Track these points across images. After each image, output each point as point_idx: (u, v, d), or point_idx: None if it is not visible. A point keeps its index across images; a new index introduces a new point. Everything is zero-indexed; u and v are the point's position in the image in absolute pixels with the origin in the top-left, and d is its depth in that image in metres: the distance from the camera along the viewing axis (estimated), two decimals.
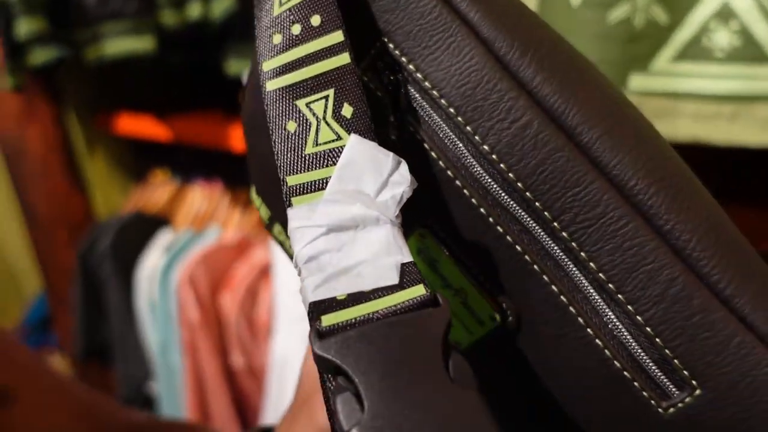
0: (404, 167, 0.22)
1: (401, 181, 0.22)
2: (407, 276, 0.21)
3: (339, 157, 0.23)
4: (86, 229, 1.32)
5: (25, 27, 0.92)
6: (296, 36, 0.24)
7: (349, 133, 0.23)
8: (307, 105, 0.23)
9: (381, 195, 0.22)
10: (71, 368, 1.43)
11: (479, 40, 0.23)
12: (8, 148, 1.28)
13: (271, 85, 0.24)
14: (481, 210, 0.24)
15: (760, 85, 0.51)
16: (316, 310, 0.20)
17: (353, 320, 0.20)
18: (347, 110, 0.23)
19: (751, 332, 0.22)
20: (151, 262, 1.13)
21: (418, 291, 0.20)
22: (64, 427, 0.47)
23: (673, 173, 0.23)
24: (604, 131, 0.23)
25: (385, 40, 0.25)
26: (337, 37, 0.23)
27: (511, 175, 0.23)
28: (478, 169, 0.24)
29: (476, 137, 0.23)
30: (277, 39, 0.24)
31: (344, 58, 0.23)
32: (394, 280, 0.21)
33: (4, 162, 1.30)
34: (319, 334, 0.20)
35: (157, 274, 1.10)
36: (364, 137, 0.23)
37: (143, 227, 1.26)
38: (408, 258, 0.21)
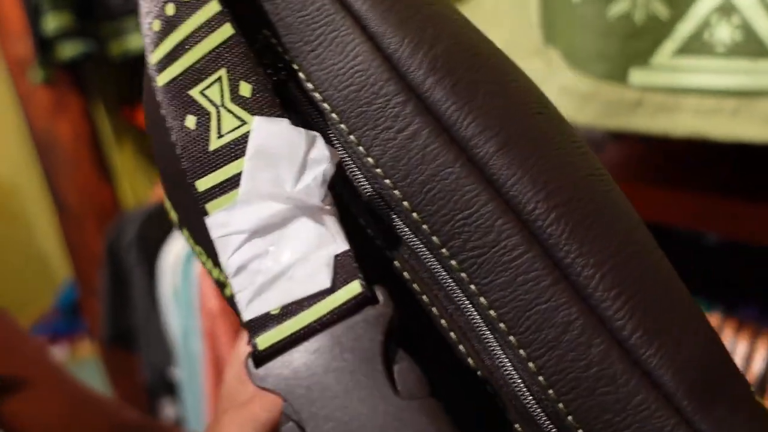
0: (321, 142, 0.20)
1: (321, 159, 0.19)
2: (341, 272, 0.19)
3: (247, 144, 0.20)
4: (114, 219, 1.36)
5: (52, 22, 0.96)
6: (171, 17, 0.21)
7: (253, 115, 0.20)
8: (202, 93, 0.20)
9: (301, 180, 0.19)
10: (98, 353, 1.48)
11: (366, 35, 0.20)
12: (39, 140, 1.32)
13: (161, 80, 0.21)
14: (368, 231, 0.21)
15: (762, 80, 0.51)
16: (251, 330, 0.19)
17: (288, 337, 0.18)
18: (245, 89, 0.20)
19: (656, 390, 0.19)
20: (175, 250, 1.16)
21: (354, 290, 0.18)
22: (66, 416, 0.49)
23: (584, 195, 0.19)
24: (504, 144, 0.19)
25: (268, 33, 0.22)
26: (213, 7, 0.20)
27: (396, 192, 0.20)
28: (364, 183, 0.21)
29: (360, 147, 0.20)
30: (157, 26, 0.21)
31: (227, 30, 0.20)
32: (326, 283, 0.19)
33: (36, 153, 1.34)
34: (255, 359, 0.18)
35: (180, 263, 1.13)
36: (270, 116, 0.20)
37: (168, 217, 1.29)
38: (343, 246, 0.19)
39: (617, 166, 0.74)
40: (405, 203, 0.20)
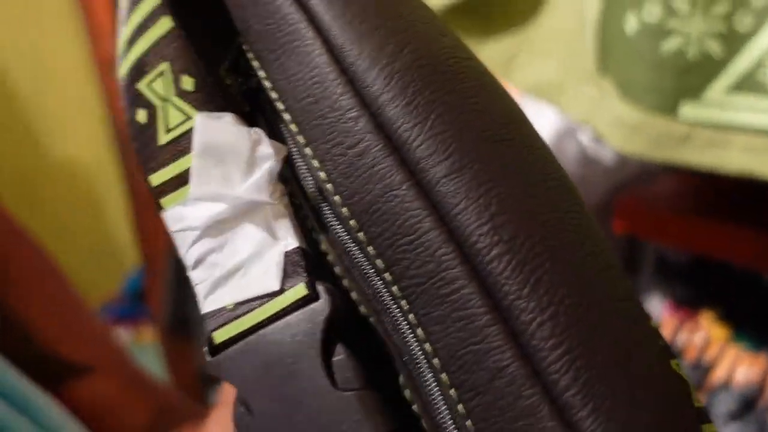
0: (265, 139, 0.20)
1: (266, 155, 0.20)
2: (289, 272, 0.20)
3: (191, 140, 0.20)
4: None
5: None
6: (126, 9, 0.21)
7: (197, 110, 0.20)
8: (149, 86, 0.21)
9: (248, 176, 0.20)
10: (159, 338, 1.54)
11: (326, 46, 0.20)
12: (119, 133, 1.40)
13: (121, 72, 0.21)
14: (321, 248, 0.21)
15: None
16: (208, 325, 0.20)
17: (241, 333, 0.19)
18: (187, 82, 0.20)
19: None
20: None
21: (299, 292, 0.19)
22: (121, 397, 0.52)
23: (536, 232, 0.18)
24: (453, 170, 0.18)
25: (241, 39, 0.22)
26: (153, 1, 0.20)
27: (344, 209, 0.19)
28: (318, 197, 0.21)
29: (314, 161, 0.20)
30: (121, 16, 0.22)
31: (165, 24, 0.20)
32: (275, 285, 0.20)
33: (116, 145, 1.42)
34: (210, 350, 0.20)
35: None
36: (213, 110, 0.20)
37: None
38: (293, 243, 0.20)
39: (670, 198, 0.74)
40: (352, 222, 0.19)
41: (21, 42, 1.77)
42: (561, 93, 0.59)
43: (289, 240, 0.20)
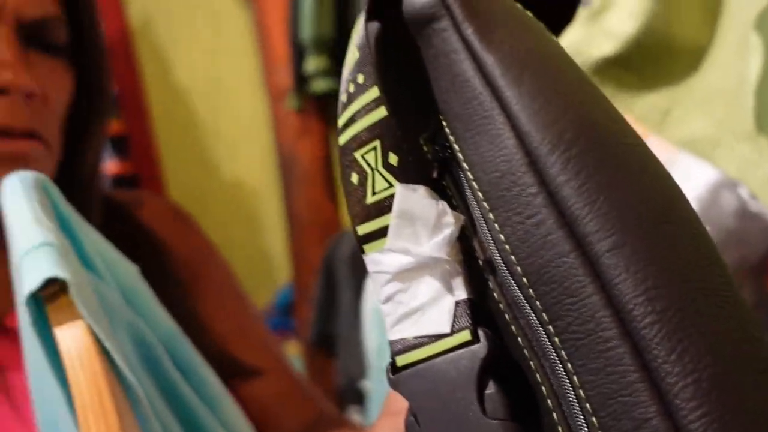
0: (448, 210, 0.24)
1: (448, 223, 0.24)
2: (457, 320, 0.24)
3: (392, 205, 0.25)
4: (334, 234, 1.51)
5: (313, 64, 1.12)
6: (352, 93, 0.26)
7: (398, 181, 0.25)
8: (363, 156, 0.25)
9: (432, 238, 0.24)
10: (303, 353, 1.62)
11: (515, 131, 0.23)
12: (283, 157, 1.51)
13: (341, 140, 0.26)
14: (494, 295, 0.25)
15: None
16: (392, 348, 0.25)
17: (416, 361, 0.24)
18: (393, 159, 0.25)
19: None
20: None
21: (465, 337, 0.24)
22: (285, 397, 0.58)
23: (687, 306, 0.21)
24: (615, 246, 0.21)
25: (441, 117, 0.26)
26: (374, 92, 0.25)
27: (518, 268, 0.23)
28: (495, 252, 0.24)
29: (496, 224, 0.24)
30: (344, 97, 0.26)
31: (382, 111, 0.25)
32: (446, 329, 0.24)
33: (278, 167, 1.53)
34: (392, 369, 0.25)
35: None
36: (412, 182, 0.25)
37: None
38: (463, 294, 0.24)
39: None
40: (524, 279, 0.23)
41: (202, 69, 1.95)
42: (715, 149, 0.59)
43: (460, 292, 0.24)
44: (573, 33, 0.64)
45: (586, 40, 0.62)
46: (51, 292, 0.31)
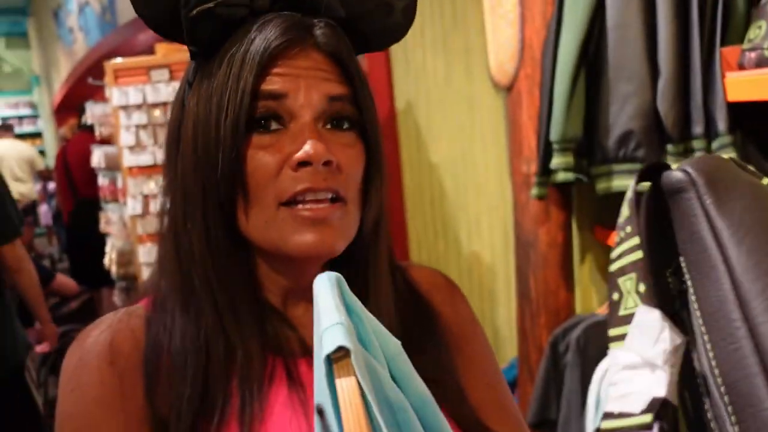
0: (672, 330, 0.33)
1: (669, 339, 0.33)
2: (650, 407, 0.33)
3: (633, 319, 0.33)
4: (564, 318, 1.54)
5: (557, 161, 1.20)
6: (622, 238, 0.36)
7: (642, 303, 0.33)
8: (623, 282, 0.35)
9: (654, 348, 0.32)
10: None
11: (731, 278, 0.31)
12: (522, 240, 1.59)
13: (611, 267, 0.39)
14: (700, 390, 0.33)
15: None
16: (604, 416, 0.34)
17: (613, 428, 0.33)
18: (642, 288, 0.34)
19: None
20: (605, 364, 1.27)
21: (646, 420, 0.31)
22: None
23: None
24: None
25: (681, 259, 0.34)
26: (635, 240, 0.36)
27: (719, 379, 0.31)
28: (705, 363, 0.31)
29: (708, 345, 0.32)
30: (617, 239, 0.38)
31: (639, 254, 0.35)
32: (637, 410, 0.32)
33: (516, 249, 1.61)
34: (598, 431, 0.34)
35: (599, 375, 1.24)
36: (650, 307, 0.32)
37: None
38: (660, 393, 0.33)
39: None
40: (722, 388, 0.33)
41: (453, 149, 2.11)
42: None
43: (661, 390, 0.34)
44: None
45: None
46: (339, 355, 0.42)
